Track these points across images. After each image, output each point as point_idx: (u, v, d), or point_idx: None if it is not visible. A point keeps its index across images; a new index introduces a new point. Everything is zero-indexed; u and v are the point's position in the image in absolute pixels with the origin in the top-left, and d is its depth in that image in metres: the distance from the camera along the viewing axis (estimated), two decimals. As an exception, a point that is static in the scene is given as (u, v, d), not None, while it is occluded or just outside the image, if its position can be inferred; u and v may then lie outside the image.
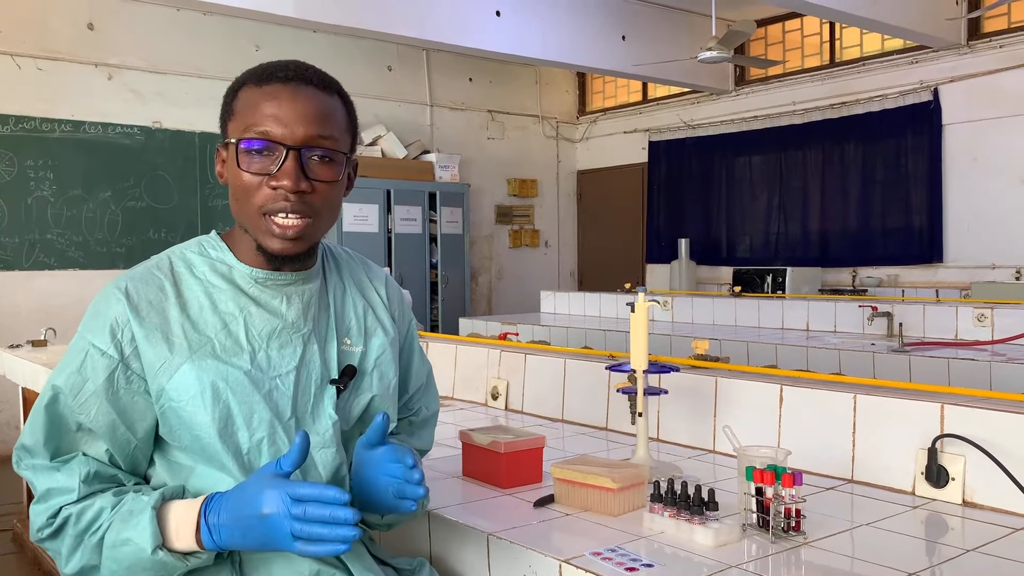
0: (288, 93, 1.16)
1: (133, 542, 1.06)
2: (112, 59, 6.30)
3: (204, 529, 1.07)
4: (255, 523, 1.03)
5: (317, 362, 1.23)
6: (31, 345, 3.95)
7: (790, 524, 1.28)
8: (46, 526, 1.10)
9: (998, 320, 3.97)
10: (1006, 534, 1.32)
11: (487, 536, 1.34)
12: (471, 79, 8.46)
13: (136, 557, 1.06)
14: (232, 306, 1.19)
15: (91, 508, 1.10)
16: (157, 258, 1.23)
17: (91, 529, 1.09)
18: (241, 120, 1.17)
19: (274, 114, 1.15)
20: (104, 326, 1.14)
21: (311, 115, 1.16)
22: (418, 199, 7.36)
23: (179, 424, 1.14)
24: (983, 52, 6.28)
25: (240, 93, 1.19)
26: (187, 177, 6.62)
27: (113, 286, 1.17)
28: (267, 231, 1.16)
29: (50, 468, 1.12)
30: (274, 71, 1.18)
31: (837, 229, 7.19)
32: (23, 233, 5.95)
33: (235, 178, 1.17)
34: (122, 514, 1.08)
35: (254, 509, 1.03)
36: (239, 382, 1.15)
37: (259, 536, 1.04)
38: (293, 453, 1.05)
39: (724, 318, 5.31)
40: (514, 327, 5.06)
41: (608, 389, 2.14)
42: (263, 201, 1.15)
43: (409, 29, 5.97)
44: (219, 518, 1.06)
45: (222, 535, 1.06)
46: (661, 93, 8.68)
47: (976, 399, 1.55)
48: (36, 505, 1.12)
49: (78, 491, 1.10)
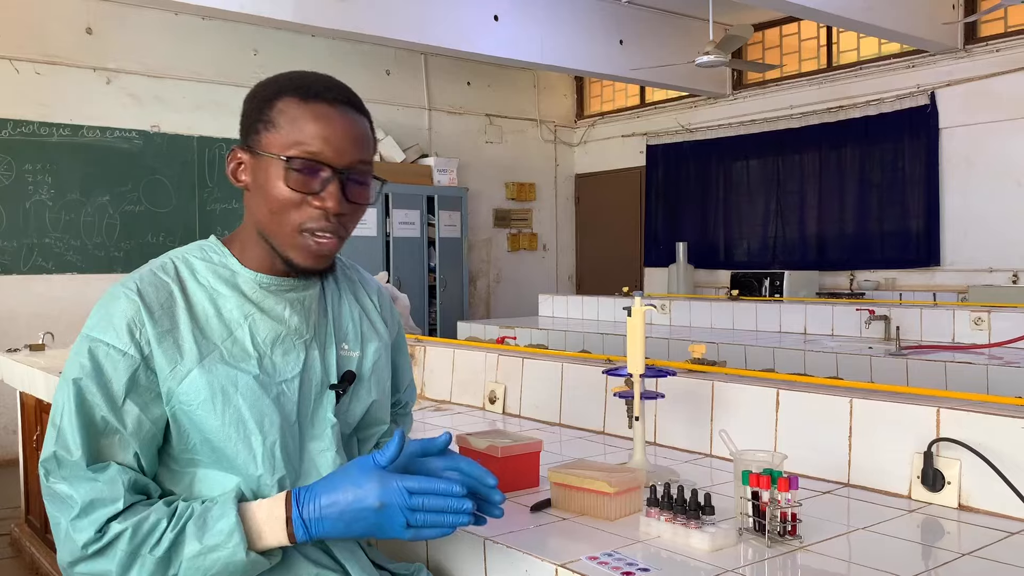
0: (338, 116, 1.17)
1: (223, 547, 1.06)
2: (110, 63, 6.31)
3: (298, 522, 1.09)
4: (367, 515, 1.08)
5: (318, 367, 1.24)
6: (29, 349, 3.95)
7: (786, 528, 1.29)
8: (94, 541, 1.05)
9: (995, 323, 3.97)
10: (1002, 538, 1.33)
11: (484, 541, 1.34)
12: (469, 83, 8.47)
13: (227, 562, 1.06)
14: (237, 313, 1.20)
15: (147, 521, 1.07)
16: (160, 261, 1.22)
17: (149, 543, 1.06)
18: (287, 135, 1.16)
19: (325, 136, 1.16)
20: (121, 326, 1.13)
21: (357, 140, 1.19)
22: (416, 203, 7.37)
23: (189, 426, 1.14)
24: (980, 56, 6.30)
25: (280, 104, 1.17)
26: (185, 181, 6.63)
27: (123, 288, 1.16)
28: (302, 247, 1.18)
29: (88, 478, 1.08)
30: (319, 90, 1.18)
31: (834, 233, 7.20)
32: (21, 237, 5.94)
33: (276, 191, 1.16)
34: (195, 522, 1.07)
35: (367, 502, 1.08)
36: (249, 387, 1.16)
37: (368, 526, 1.10)
38: (391, 448, 1.11)
39: (722, 322, 5.32)
40: (512, 331, 5.06)
41: (605, 393, 2.14)
42: (304, 219, 1.17)
43: (407, 33, 5.98)
44: (317, 511, 1.09)
45: (322, 527, 1.09)
46: (659, 97, 8.69)
47: (972, 403, 1.55)
48: (78, 520, 1.06)
49: (124, 500, 1.07)
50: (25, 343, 4.11)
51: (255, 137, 1.18)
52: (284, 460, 1.17)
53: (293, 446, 1.19)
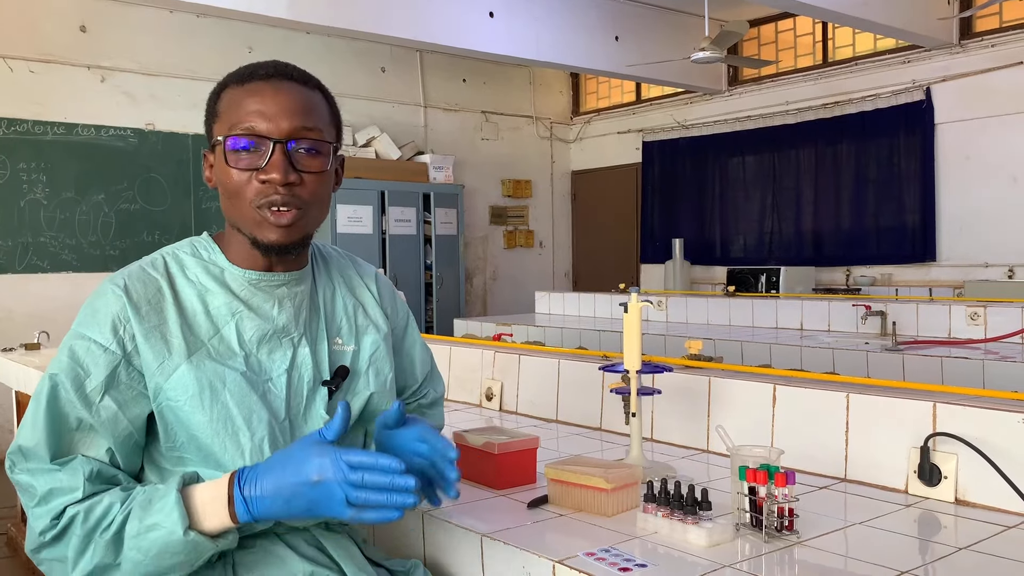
0: (270, 89, 1.18)
1: (161, 526, 1.03)
2: (105, 61, 6.29)
3: (239, 501, 1.05)
4: (305, 490, 1.03)
5: (309, 364, 1.23)
6: (24, 348, 3.94)
7: (783, 523, 1.29)
8: (49, 528, 1.06)
9: (991, 319, 3.98)
10: (998, 532, 1.33)
11: (481, 537, 1.34)
12: (465, 80, 8.46)
13: (166, 541, 1.03)
14: (224, 311, 1.20)
15: (99, 504, 1.06)
16: (151, 258, 1.22)
17: (101, 526, 1.05)
18: (226, 120, 1.18)
19: (258, 110, 1.16)
20: (105, 322, 1.13)
21: (295, 108, 1.17)
22: (412, 200, 7.36)
23: (176, 423, 1.14)
24: (975, 51, 6.30)
25: (223, 95, 1.21)
26: (180, 179, 6.61)
27: (111, 283, 1.16)
28: (262, 223, 1.17)
29: (50, 469, 1.08)
30: (254, 70, 1.20)
31: (830, 228, 7.20)
32: (16, 236, 5.93)
33: (224, 177, 1.18)
34: (140, 503, 1.05)
35: (304, 476, 1.03)
36: (237, 383, 1.15)
37: (306, 503, 1.04)
38: (336, 422, 1.07)
39: (718, 318, 5.32)
40: (509, 328, 5.06)
41: (602, 389, 2.14)
42: (253, 195, 1.16)
43: (403, 30, 5.97)
44: (258, 489, 1.05)
45: (262, 505, 1.05)
46: (655, 93, 8.69)
47: (968, 398, 1.55)
48: (37, 508, 1.07)
49: (83, 489, 1.06)
50: (20, 342, 4.10)
51: (209, 134, 1.22)
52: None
53: (284, 443, 1.18)
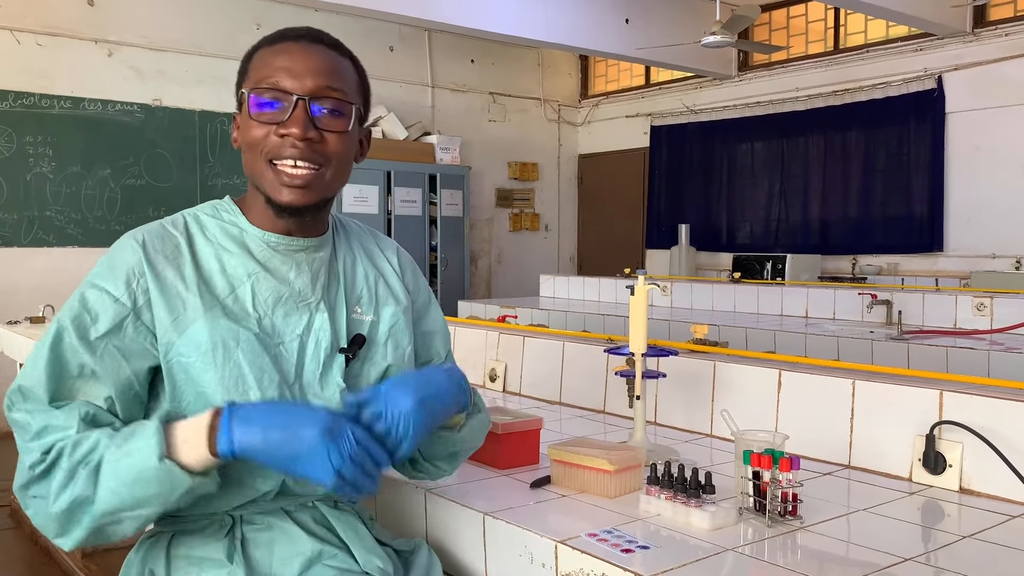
0: (299, 48, 1.19)
1: (137, 452, 1.01)
2: (112, 36, 6.26)
3: (224, 429, 1.02)
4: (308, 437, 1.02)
5: (327, 330, 1.22)
6: (29, 322, 3.95)
7: (787, 508, 1.28)
8: (39, 462, 1.04)
9: (997, 309, 3.96)
10: (1002, 521, 1.32)
11: (483, 517, 1.34)
12: (473, 61, 8.42)
13: (140, 467, 1.01)
14: (241, 271, 1.19)
15: (87, 439, 1.04)
16: (172, 217, 1.23)
17: (85, 460, 1.03)
18: (253, 77, 1.19)
19: (285, 66, 1.16)
20: (120, 274, 1.13)
21: (321, 68, 1.18)
22: (418, 181, 7.34)
23: (185, 380, 1.13)
24: (988, 40, 6.25)
25: (254, 56, 1.21)
26: (187, 155, 6.60)
27: (130, 237, 1.17)
28: (276, 181, 1.17)
29: (47, 409, 1.07)
30: (286, 32, 1.21)
31: (838, 216, 7.18)
32: (22, 210, 5.93)
33: (246, 131, 1.18)
34: (123, 434, 1.04)
35: (309, 427, 1.02)
36: (250, 342, 1.15)
37: (292, 453, 1.02)
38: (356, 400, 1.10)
39: (723, 304, 5.31)
40: (513, 311, 5.06)
41: (606, 372, 2.13)
42: (271, 149, 1.16)
43: (411, 9, 5.93)
44: (248, 422, 1.03)
45: (245, 437, 1.02)
46: (664, 77, 8.64)
47: (975, 386, 1.54)
48: (30, 442, 1.05)
49: (76, 428, 1.05)
50: (25, 315, 4.11)
51: (238, 96, 1.21)
52: None
53: None
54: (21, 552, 3.62)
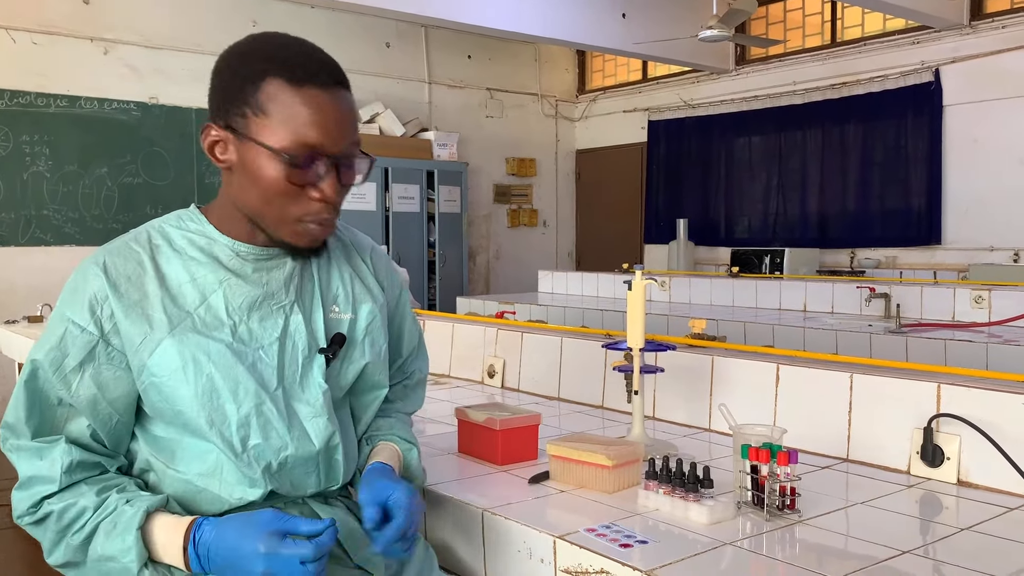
0: (330, 101, 1.12)
1: (119, 560, 1.07)
2: (108, 34, 6.25)
3: (193, 557, 1.07)
4: (257, 566, 1.04)
5: (303, 332, 1.22)
6: (27, 321, 3.95)
7: (785, 502, 1.28)
8: (27, 514, 1.12)
9: (995, 302, 3.97)
10: (1000, 513, 1.33)
11: (482, 512, 1.34)
12: (470, 56, 8.40)
13: (122, 571, 1.08)
14: (211, 279, 1.18)
15: (73, 507, 1.10)
16: (136, 231, 1.21)
17: (72, 529, 1.10)
18: (281, 126, 1.10)
19: (320, 124, 1.11)
20: (83, 302, 1.13)
21: (347, 119, 1.15)
22: (416, 177, 7.33)
23: (161, 399, 1.13)
24: (985, 33, 6.24)
25: (268, 88, 1.10)
26: (184, 153, 6.59)
27: (91, 261, 1.16)
28: (302, 234, 1.17)
29: (32, 452, 1.12)
30: (309, 71, 1.12)
31: (836, 210, 7.17)
32: (19, 209, 5.92)
33: (270, 183, 1.12)
34: (106, 525, 1.09)
35: (254, 566, 1.03)
36: (221, 355, 1.14)
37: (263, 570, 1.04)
38: (319, 540, 1.05)
39: (721, 299, 5.31)
40: (511, 306, 5.06)
41: (604, 368, 2.13)
42: (302, 212, 1.15)
43: (408, 5, 5.92)
44: (212, 552, 1.06)
45: (215, 565, 1.07)
46: (661, 72, 8.63)
47: (973, 379, 1.54)
48: (18, 491, 1.12)
49: (59, 482, 1.10)
50: (23, 315, 4.10)
51: (240, 120, 1.12)
52: (260, 428, 1.15)
53: (275, 413, 1.17)
54: (21, 551, 3.62)
